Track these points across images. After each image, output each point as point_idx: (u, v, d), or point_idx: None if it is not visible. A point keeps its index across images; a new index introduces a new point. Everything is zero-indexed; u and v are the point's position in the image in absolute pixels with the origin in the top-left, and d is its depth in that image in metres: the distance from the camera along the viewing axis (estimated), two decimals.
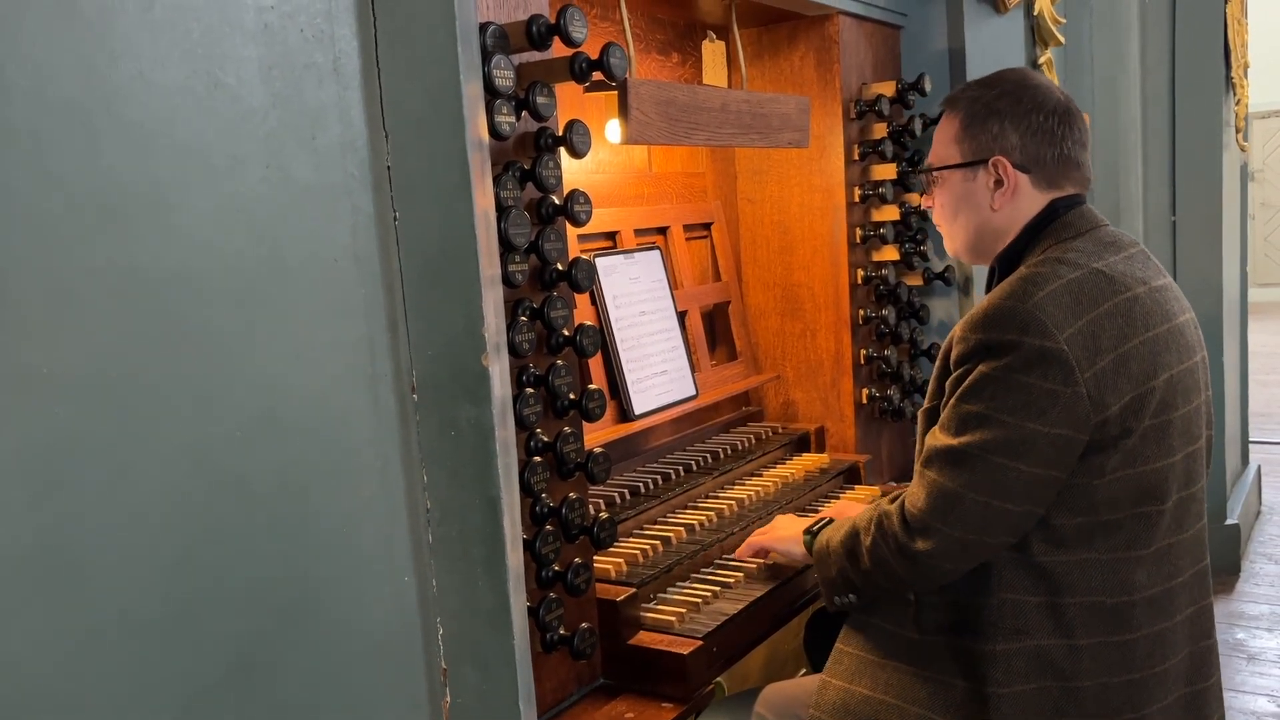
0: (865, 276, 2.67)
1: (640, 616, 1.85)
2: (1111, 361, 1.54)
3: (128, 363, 0.95)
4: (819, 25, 2.57)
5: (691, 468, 2.36)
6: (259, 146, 1.05)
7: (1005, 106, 1.75)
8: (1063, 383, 1.51)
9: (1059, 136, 1.73)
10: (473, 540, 1.22)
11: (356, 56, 1.14)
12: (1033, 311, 1.54)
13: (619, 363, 2.25)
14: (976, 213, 1.79)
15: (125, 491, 0.94)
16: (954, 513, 1.58)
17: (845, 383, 2.68)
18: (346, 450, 1.14)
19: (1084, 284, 1.58)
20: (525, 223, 1.51)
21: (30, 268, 0.89)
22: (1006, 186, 1.74)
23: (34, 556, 0.88)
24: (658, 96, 1.95)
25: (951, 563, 1.61)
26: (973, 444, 1.56)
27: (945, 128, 1.84)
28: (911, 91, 2.65)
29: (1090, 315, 1.55)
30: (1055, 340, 1.52)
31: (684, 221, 2.56)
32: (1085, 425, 1.53)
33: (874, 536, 1.69)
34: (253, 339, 1.05)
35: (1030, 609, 1.59)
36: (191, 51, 0.98)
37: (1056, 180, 1.75)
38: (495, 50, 1.47)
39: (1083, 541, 1.58)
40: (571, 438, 1.66)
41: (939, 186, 1.85)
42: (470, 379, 1.19)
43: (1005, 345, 1.54)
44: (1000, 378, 1.54)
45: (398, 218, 1.19)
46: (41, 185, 0.89)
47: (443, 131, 1.17)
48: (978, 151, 1.77)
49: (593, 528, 1.70)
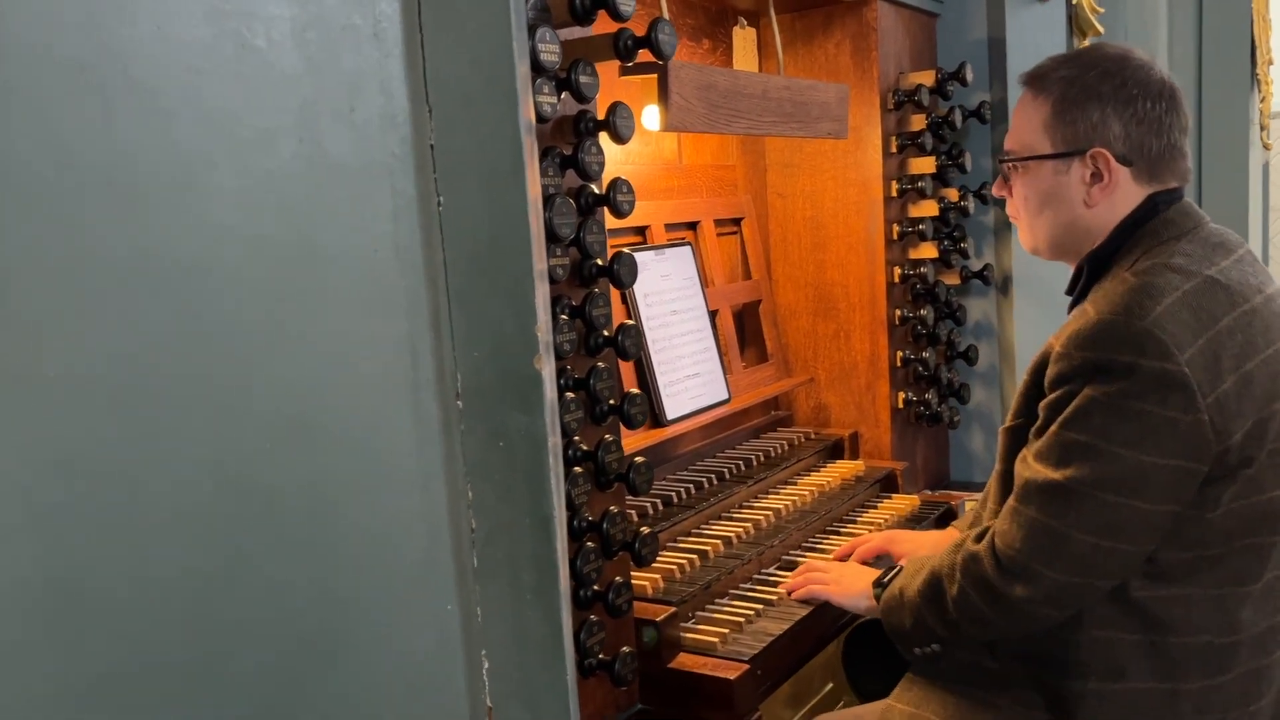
0: (902, 275, 2.55)
1: (680, 637, 1.73)
2: (1234, 384, 1.39)
3: (142, 364, 0.82)
4: (856, 11, 2.45)
5: (724, 476, 2.24)
6: (292, 118, 0.92)
7: (1108, 90, 1.54)
8: (1183, 410, 1.36)
9: (1166, 124, 1.54)
10: (522, 563, 1.09)
11: (398, 20, 1.01)
12: (1150, 330, 1.37)
13: (650, 365, 2.13)
14: (1067, 208, 1.60)
15: (140, 512, 0.81)
16: (1059, 554, 1.42)
17: (881, 386, 2.56)
18: (384, 463, 1.01)
19: (1202, 296, 1.42)
20: (571, 211, 1.39)
21: (33, 254, 0.76)
22: (1106, 181, 1.56)
23: (36, 590, 0.75)
24: (699, 81, 1.83)
25: (1054, 608, 1.46)
26: (1080, 478, 1.40)
27: (1031, 111, 1.62)
28: (952, 81, 2.53)
29: (1211, 332, 1.39)
30: (1176, 362, 1.36)
31: (715, 216, 2.43)
32: (1206, 455, 1.38)
33: (961, 583, 1.52)
34: (282, 337, 0.93)
35: (1126, 648, 1.45)
36: (218, 7, 0.86)
37: (1159, 173, 1.56)
38: (539, 23, 1.34)
39: (1187, 576, 1.44)
40: (613, 446, 1.53)
41: (1021, 176, 1.65)
42: (522, 383, 1.07)
43: (1118, 367, 1.38)
44: (1112, 404, 1.38)
45: (442, 203, 1.06)
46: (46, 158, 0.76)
47: (493, 107, 1.04)
48: (1074, 141, 1.57)
49: (634, 543, 1.57)
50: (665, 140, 2.35)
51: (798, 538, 2.14)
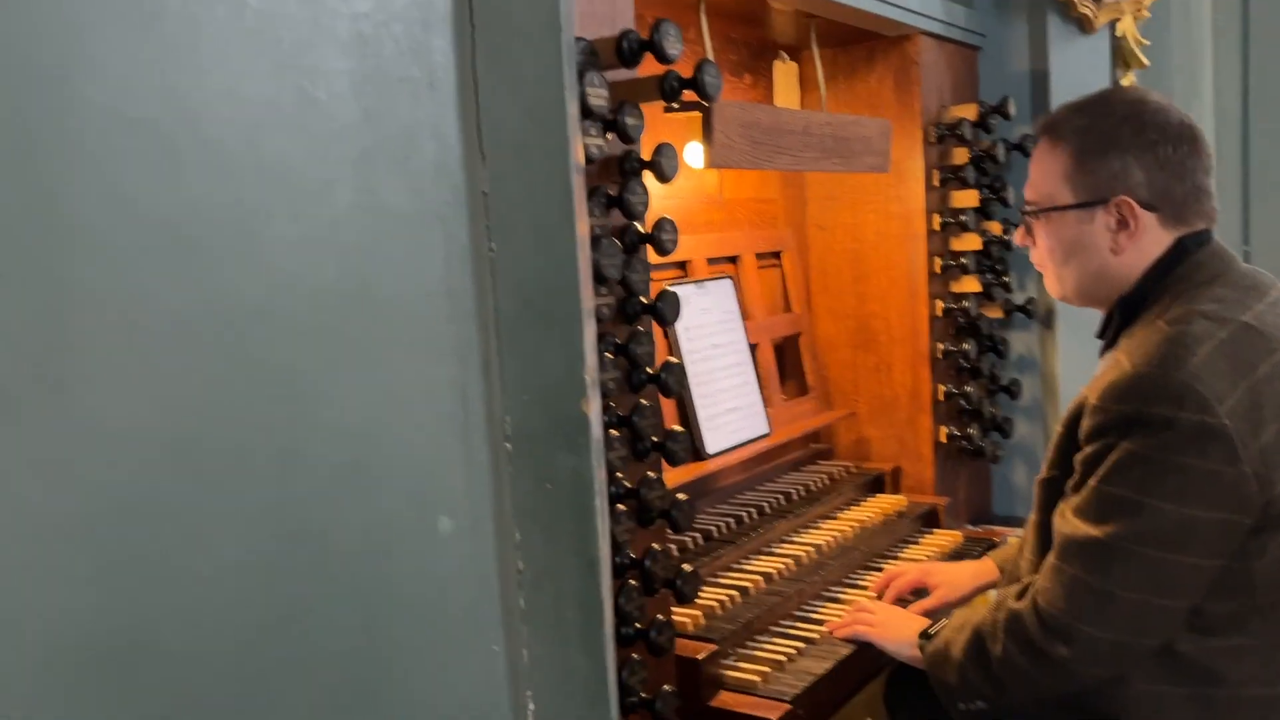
0: (945, 308, 2.53)
1: (721, 675, 1.72)
2: (1276, 432, 1.37)
3: (203, 413, 0.84)
4: (898, 46, 2.45)
5: (764, 510, 2.23)
6: (350, 168, 0.94)
7: (1126, 136, 1.54)
8: (1226, 462, 1.34)
9: (1188, 168, 1.53)
10: (568, 605, 1.10)
11: (453, 70, 1.04)
12: (1189, 382, 1.35)
13: (691, 399, 2.13)
14: (1094, 256, 1.58)
15: (198, 561, 0.83)
16: (1103, 613, 1.40)
17: (923, 420, 2.54)
18: (435, 506, 1.03)
19: (1238, 343, 1.41)
20: (617, 252, 1.40)
21: (98, 306, 0.78)
22: (1132, 228, 1.54)
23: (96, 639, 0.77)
24: (742, 119, 1.84)
25: (1101, 668, 1.44)
26: (1122, 534, 1.38)
27: (1050, 160, 1.61)
28: (994, 115, 2.52)
29: (1249, 381, 1.38)
30: (1215, 414, 1.34)
31: (755, 250, 2.44)
32: (1251, 507, 1.36)
33: (1004, 643, 1.50)
34: (339, 382, 0.94)
35: (1176, 702, 1.43)
36: (282, 63, 0.88)
37: (1185, 216, 1.55)
38: (587, 68, 1.36)
39: (1236, 627, 1.41)
40: (656, 483, 1.53)
41: (1044, 226, 1.64)
42: (570, 426, 1.08)
43: (1157, 420, 1.36)
44: (1152, 458, 1.36)
45: (494, 249, 1.08)
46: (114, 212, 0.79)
47: (544, 154, 1.06)
48: (1096, 190, 1.56)
49: (676, 580, 1.57)
50: (707, 175, 2.36)
51: (839, 573, 2.12)
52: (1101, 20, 2.67)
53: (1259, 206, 4.29)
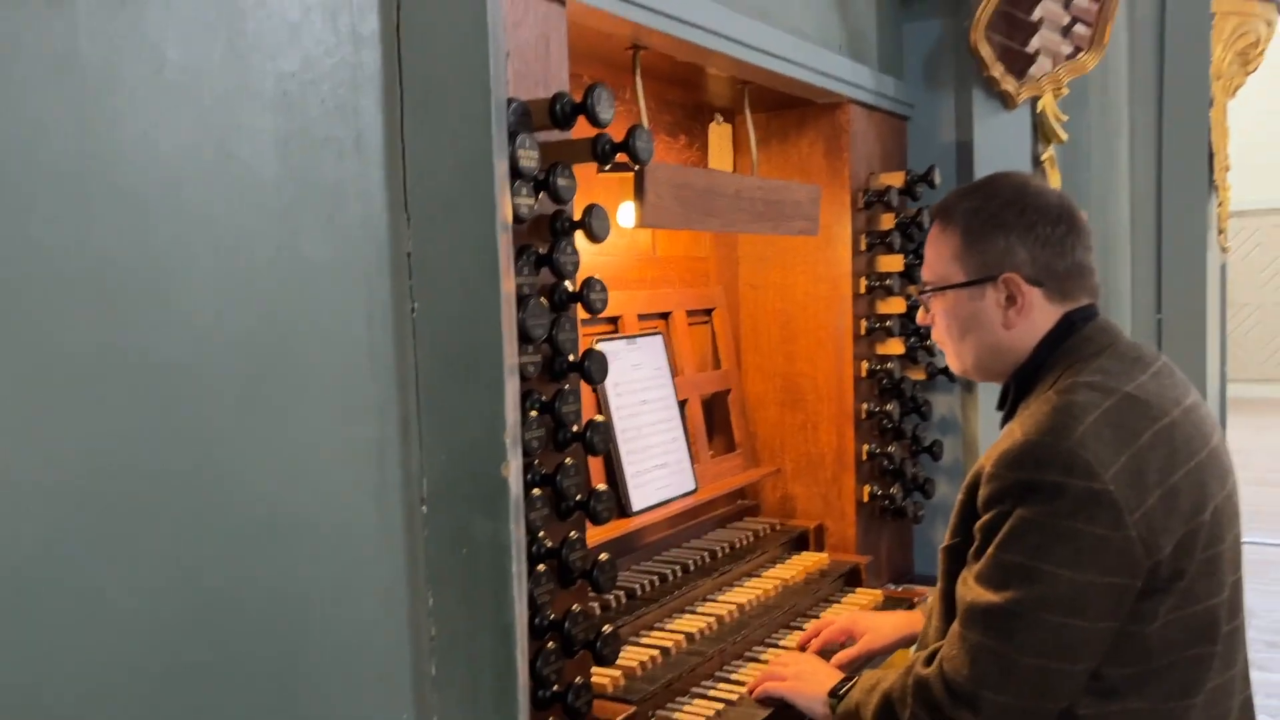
0: (869, 369, 2.58)
1: None
2: (1159, 499, 1.42)
3: (112, 465, 0.82)
4: (829, 113, 2.52)
5: (689, 567, 2.22)
6: (271, 224, 0.93)
7: (1010, 217, 1.62)
8: (1112, 527, 1.39)
9: (1069, 245, 1.62)
10: (482, 671, 1.08)
11: (380, 130, 1.04)
12: (1075, 449, 1.41)
13: (618, 454, 2.12)
14: (987, 332, 1.65)
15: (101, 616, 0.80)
16: (1006, 679, 1.43)
17: (847, 479, 2.57)
18: (347, 569, 1.01)
19: (1122, 412, 1.46)
20: (543, 312, 1.40)
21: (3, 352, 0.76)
22: (1020, 303, 1.62)
23: None
24: (674, 180, 1.87)
25: None
26: (1020, 600, 1.41)
27: (942, 242, 1.70)
28: (920, 183, 2.59)
29: (1133, 449, 1.43)
30: (1101, 480, 1.39)
31: (687, 307, 2.46)
32: (1138, 570, 1.41)
33: (913, 709, 1.52)
34: (253, 439, 0.93)
35: None
36: (202, 119, 0.87)
37: (1070, 291, 1.63)
38: (519, 129, 1.37)
39: (1133, 691, 1.45)
40: (577, 544, 1.52)
41: (940, 304, 1.71)
42: (488, 488, 1.07)
43: (1048, 487, 1.41)
44: (1045, 524, 1.41)
45: (415, 308, 1.07)
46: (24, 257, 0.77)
47: (472, 213, 1.06)
48: (984, 268, 1.63)
49: (596, 642, 1.55)
50: (640, 232, 2.38)
51: (761, 633, 2.13)
52: (1023, 96, 2.78)
53: (1171, 276, 4.47)
